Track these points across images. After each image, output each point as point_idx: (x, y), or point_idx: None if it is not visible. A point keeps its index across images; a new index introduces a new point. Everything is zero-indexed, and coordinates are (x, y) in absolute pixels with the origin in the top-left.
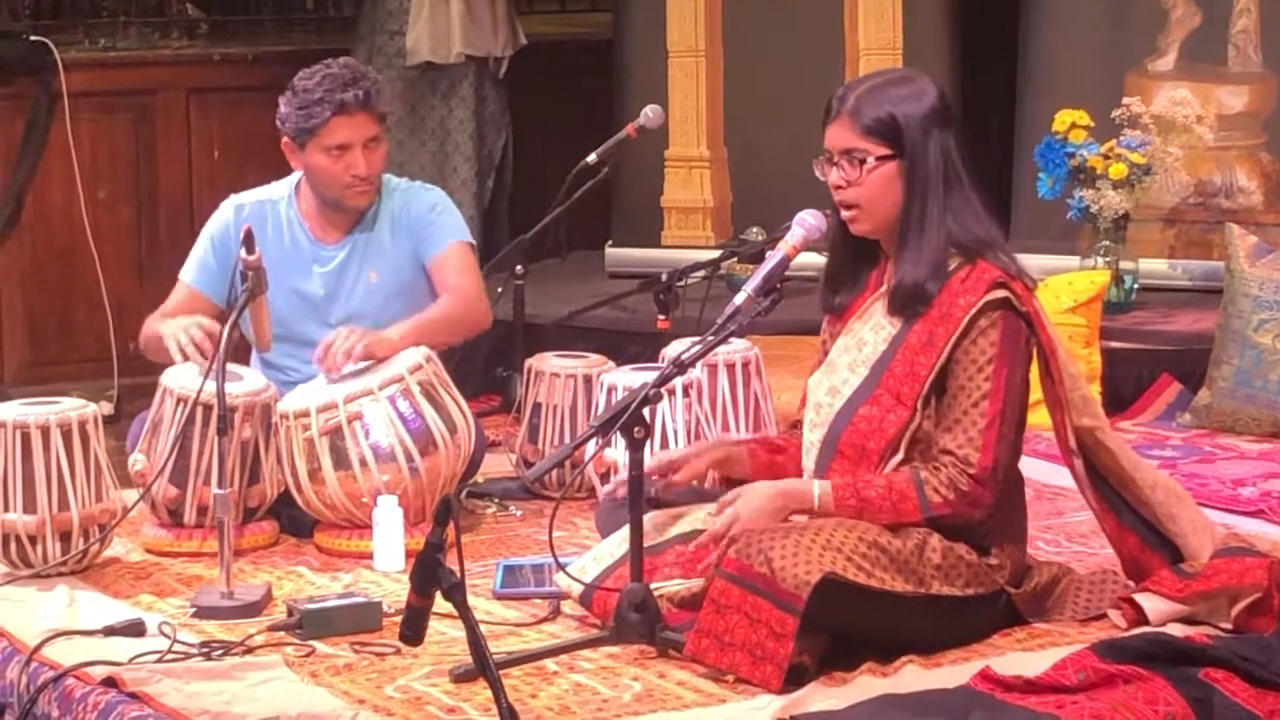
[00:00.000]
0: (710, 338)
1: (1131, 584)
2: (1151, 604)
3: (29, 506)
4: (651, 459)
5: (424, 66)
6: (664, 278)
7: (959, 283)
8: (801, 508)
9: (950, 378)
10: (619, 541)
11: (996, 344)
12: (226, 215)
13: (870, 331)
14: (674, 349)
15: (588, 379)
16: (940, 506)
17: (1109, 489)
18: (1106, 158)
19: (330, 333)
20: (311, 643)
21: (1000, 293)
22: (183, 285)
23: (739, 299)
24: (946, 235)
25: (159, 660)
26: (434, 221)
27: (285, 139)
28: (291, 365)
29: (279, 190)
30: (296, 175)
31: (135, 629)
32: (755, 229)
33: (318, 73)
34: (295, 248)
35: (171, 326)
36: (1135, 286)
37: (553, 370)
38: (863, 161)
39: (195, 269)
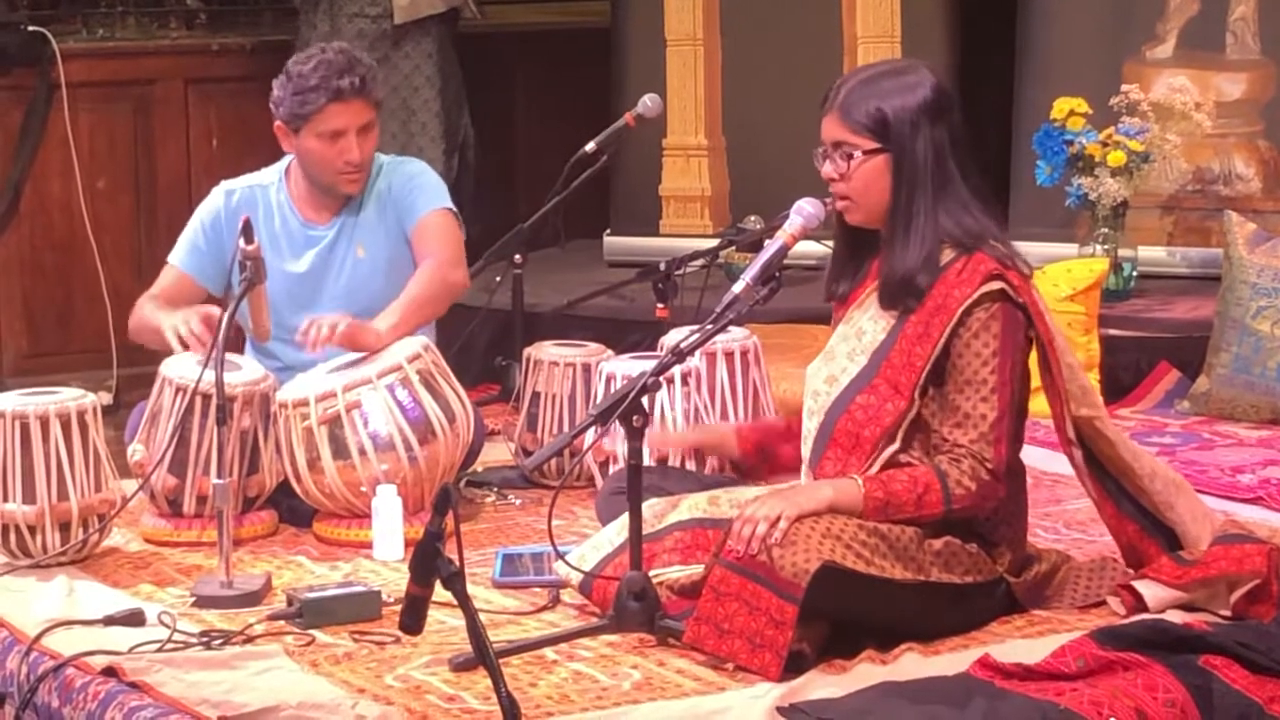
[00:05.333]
0: (709, 326)
1: (1131, 571)
2: (1151, 591)
3: (28, 497)
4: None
5: (387, 48)
6: (662, 266)
7: (955, 274)
8: (852, 508)
9: (954, 371)
10: (618, 529)
11: (999, 336)
12: (217, 201)
13: (869, 321)
14: (673, 337)
15: (586, 368)
16: (962, 499)
17: (1108, 478)
18: (1105, 145)
19: (314, 321)
20: (311, 632)
21: (996, 284)
22: (171, 268)
23: (737, 287)
24: (937, 229)
25: (159, 650)
26: (413, 191)
27: (279, 123)
28: (282, 350)
29: (269, 175)
30: (286, 160)
31: (135, 619)
32: (753, 217)
33: (313, 58)
34: (286, 231)
35: (171, 320)
36: (1134, 274)
37: (551, 359)
38: (850, 155)
39: (185, 252)
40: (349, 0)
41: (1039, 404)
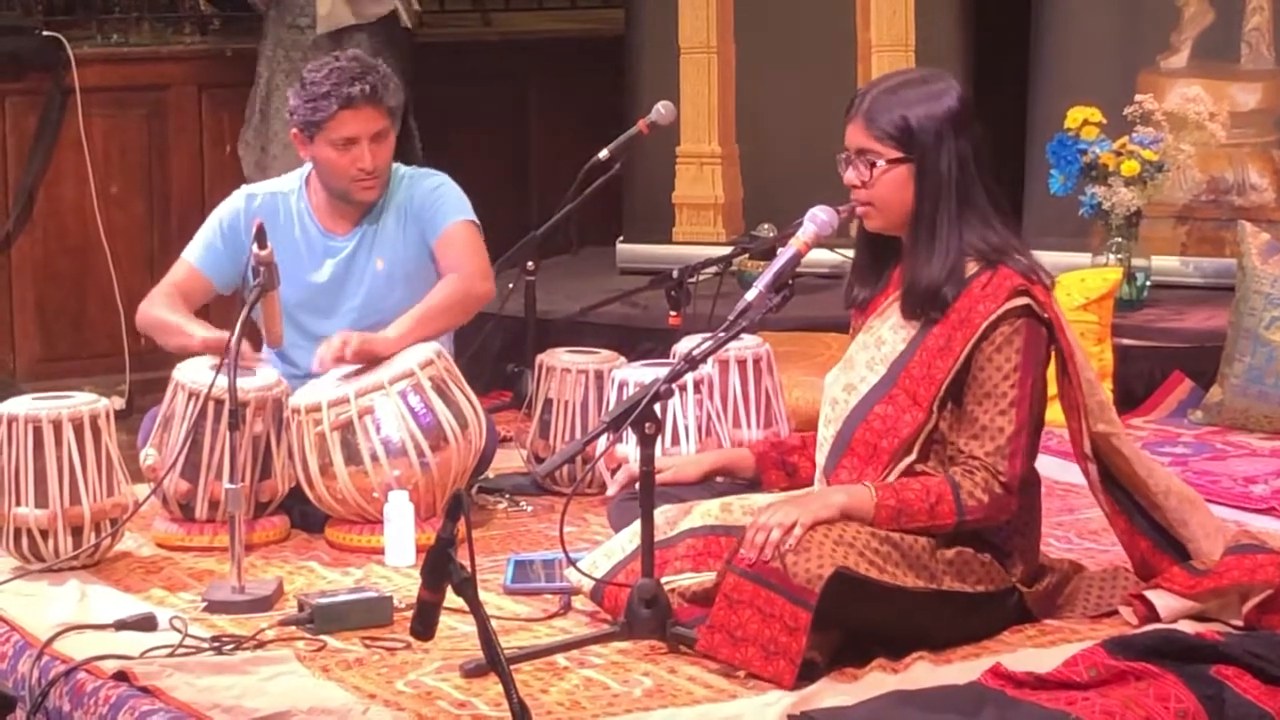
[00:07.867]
0: (721, 334)
1: (1142, 581)
2: (1163, 600)
3: (41, 501)
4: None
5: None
6: (675, 274)
7: (980, 288)
8: (864, 515)
9: (974, 384)
10: (630, 536)
11: (1021, 351)
12: (237, 203)
13: (889, 330)
14: (685, 345)
15: (599, 375)
16: (974, 510)
17: (1121, 493)
18: (1119, 155)
19: (326, 342)
20: (323, 637)
21: (1022, 300)
22: (184, 263)
23: (750, 295)
24: (961, 242)
25: (170, 654)
26: (435, 203)
27: (294, 130)
28: (301, 358)
29: (290, 182)
30: (307, 168)
31: (147, 623)
32: (766, 225)
33: (326, 66)
34: (306, 239)
35: (196, 328)
36: (1147, 284)
37: (564, 366)
38: (873, 164)
39: (200, 249)
40: (287, 9)
41: (1053, 413)
